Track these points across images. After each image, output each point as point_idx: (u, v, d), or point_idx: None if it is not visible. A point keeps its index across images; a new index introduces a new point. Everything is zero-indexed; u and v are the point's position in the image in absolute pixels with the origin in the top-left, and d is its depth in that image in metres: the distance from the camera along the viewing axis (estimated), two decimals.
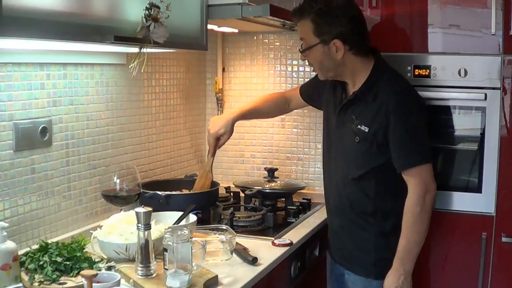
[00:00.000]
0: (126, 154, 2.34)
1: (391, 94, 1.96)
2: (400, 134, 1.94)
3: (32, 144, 1.86)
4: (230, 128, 2.34)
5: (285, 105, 2.50)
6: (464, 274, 2.41)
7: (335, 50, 1.96)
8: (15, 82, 1.79)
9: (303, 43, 2.04)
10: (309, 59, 2.06)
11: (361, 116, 2.00)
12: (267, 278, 1.87)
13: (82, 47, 1.88)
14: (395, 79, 2.04)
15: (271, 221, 2.35)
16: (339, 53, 1.96)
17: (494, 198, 2.36)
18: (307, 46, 2.01)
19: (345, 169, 2.07)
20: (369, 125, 1.97)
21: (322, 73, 2.07)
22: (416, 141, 1.96)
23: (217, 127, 2.34)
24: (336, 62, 1.99)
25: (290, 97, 2.49)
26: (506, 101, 2.32)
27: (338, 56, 1.97)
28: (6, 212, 1.78)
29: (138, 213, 1.67)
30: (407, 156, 1.95)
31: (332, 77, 2.07)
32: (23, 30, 1.34)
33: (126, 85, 2.33)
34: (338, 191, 2.11)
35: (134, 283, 1.65)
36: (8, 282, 1.54)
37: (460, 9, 2.37)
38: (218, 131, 2.34)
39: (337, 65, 2.00)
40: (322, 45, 1.97)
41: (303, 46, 2.03)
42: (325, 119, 2.21)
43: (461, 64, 2.37)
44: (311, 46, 1.99)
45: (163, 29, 1.75)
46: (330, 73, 2.05)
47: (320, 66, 2.04)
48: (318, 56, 2.00)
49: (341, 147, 2.08)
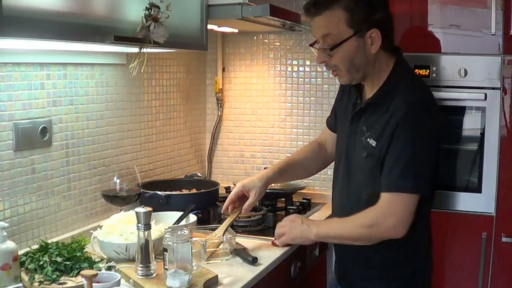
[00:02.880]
0: (126, 154, 2.34)
1: (403, 105, 1.64)
2: (398, 150, 1.64)
3: (32, 144, 1.86)
4: (261, 186, 1.97)
5: (321, 150, 2.12)
6: (464, 274, 2.41)
7: (371, 43, 1.66)
8: (15, 82, 1.79)
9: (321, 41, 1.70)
10: (336, 58, 1.69)
11: (371, 128, 1.72)
12: (267, 278, 1.86)
13: (82, 47, 1.88)
14: (414, 87, 1.72)
15: (271, 221, 2.35)
16: (375, 46, 1.66)
17: (494, 198, 2.36)
18: (336, 41, 1.66)
19: (353, 188, 1.80)
20: (377, 139, 1.68)
21: (350, 75, 1.73)
22: (412, 165, 1.63)
23: (245, 181, 1.99)
24: (369, 59, 1.69)
25: (322, 139, 2.14)
26: (506, 101, 2.32)
27: (373, 50, 1.67)
28: (6, 212, 1.78)
29: (138, 213, 1.67)
30: (394, 177, 1.63)
31: (359, 79, 1.75)
32: (23, 30, 1.34)
33: (126, 85, 2.33)
34: (345, 211, 1.81)
35: (134, 283, 1.65)
36: (8, 282, 1.54)
37: (460, 9, 2.37)
38: (246, 184, 1.97)
39: (368, 63, 1.70)
40: (357, 38, 1.65)
41: (328, 43, 1.68)
42: (339, 125, 1.96)
43: (461, 64, 2.38)
44: (343, 40, 1.65)
45: (163, 29, 1.75)
46: (359, 74, 1.73)
47: (350, 65, 1.69)
48: (350, 52, 1.67)
49: (348, 162, 1.81)
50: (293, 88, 2.90)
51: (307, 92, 2.87)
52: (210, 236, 1.96)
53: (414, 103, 1.66)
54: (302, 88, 2.89)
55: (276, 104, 2.92)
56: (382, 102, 1.71)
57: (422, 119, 1.65)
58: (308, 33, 2.74)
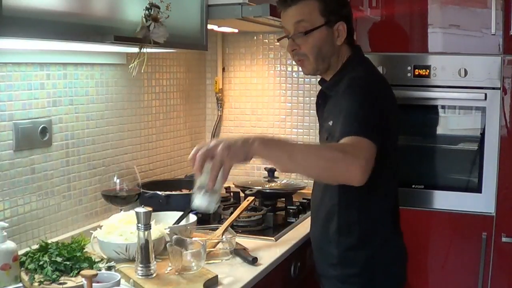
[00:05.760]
0: (126, 154, 2.34)
1: (347, 79, 1.74)
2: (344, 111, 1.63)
3: (32, 144, 1.86)
4: None
5: None
6: (464, 274, 2.41)
7: (337, 35, 1.79)
8: (15, 82, 1.79)
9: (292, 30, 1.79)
10: (306, 46, 1.79)
11: (330, 112, 1.80)
12: (267, 278, 1.86)
13: (82, 47, 1.88)
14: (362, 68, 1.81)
15: (271, 221, 2.35)
16: (340, 38, 1.80)
17: (494, 198, 2.36)
18: (307, 28, 1.77)
19: None
20: (333, 119, 1.74)
21: (315, 64, 1.81)
22: (360, 116, 1.60)
23: None
24: (335, 49, 1.81)
25: None
26: (506, 101, 2.32)
27: (338, 42, 1.80)
28: (6, 212, 1.77)
29: (138, 213, 1.67)
30: (346, 125, 1.59)
31: (323, 70, 1.85)
32: (23, 30, 1.34)
33: (126, 85, 2.33)
34: (314, 199, 1.95)
35: (134, 283, 1.65)
36: (8, 282, 1.55)
37: (460, 9, 2.37)
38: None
39: (333, 53, 1.82)
40: (327, 28, 1.78)
41: (299, 30, 1.78)
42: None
43: (461, 64, 2.38)
44: (316, 27, 1.76)
45: (163, 29, 1.75)
46: (324, 64, 1.82)
47: (318, 53, 1.79)
48: (320, 40, 1.78)
49: None
50: (293, 88, 2.90)
51: (307, 92, 2.88)
52: (211, 236, 1.96)
53: (357, 76, 1.74)
54: (302, 88, 2.89)
55: (276, 104, 2.92)
56: (336, 88, 1.79)
57: (365, 86, 1.70)
58: None
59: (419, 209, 2.43)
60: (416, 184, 2.45)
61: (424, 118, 2.45)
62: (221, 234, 1.96)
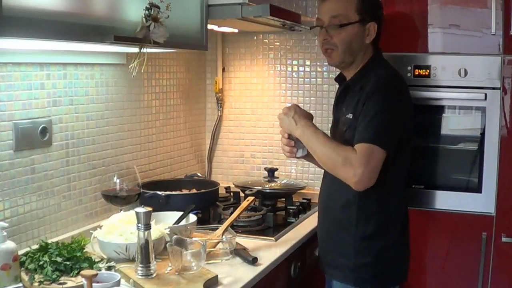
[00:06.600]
0: (126, 154, 2.34)
1: (374, 79, 1.85)
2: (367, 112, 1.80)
3: (32, 144, 1.86)
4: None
5: None
6: (464, 274, 2.41)
7: (367, 34, 1.91)
8: (15, 82, 1.79)
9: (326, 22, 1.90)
10: (338, 37, 1.89)
11: (349, 106, 1.91)
12: (267, 278, 1.87)
13: (82, 47, 1.88)
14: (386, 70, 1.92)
15: (271, 221, 2.35)
16: (369, 37, 1.91)
17: (494, 198, 2.36)
18: (342, 22, 1.88)
19: None
20: (353, 112, 1.87)
21: (343, 56, 1.91)
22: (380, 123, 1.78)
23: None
24: (362, 47, 1.92)
25: None
26: (506, 101, 2.32)
27: (367, 40, 1.91)
28: (6, 212, 1.78)
29: (138, 213, 1.67)
30: (364, 131, 1.78)
31: (348, 63, 1.94)
32: (23, 30, 1.34)
33: (126, 85, 2.33)
34: (327, 189, 2.00)
35: (134, 283, 1.65)
36: (8, 282, 1.54)
37: (460, 9, 2.37)
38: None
39: (360, 50, 1.92)
40: (360, 25, 1.89)
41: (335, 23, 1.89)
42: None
43: (461, 64, 2.37)
44: (350, 22, 1.88)
45: (163, 29, 1.75)
46: (350, 58, 1.92)
47: (347, 47, 1.90)
48: (351, 35, 1.89)
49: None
50: (293, 88, 2.90)
51: (307, 92, 2.88)
52: (211, 236, 1.96)
53: (383, 76, 1.87)
54: (302, 88, 2.89)
55: (276, 104, 2.91)
56: (358, 83, 1.91)
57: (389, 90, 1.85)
58: (308, 33, 2.74)
59: (419, 209, 2.43)
60: (416, 184, 2.44)
61: (424, 118, 2.45)
62: (221, 234, 1.97)
